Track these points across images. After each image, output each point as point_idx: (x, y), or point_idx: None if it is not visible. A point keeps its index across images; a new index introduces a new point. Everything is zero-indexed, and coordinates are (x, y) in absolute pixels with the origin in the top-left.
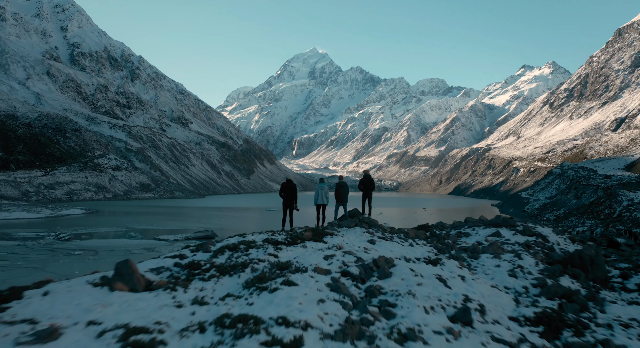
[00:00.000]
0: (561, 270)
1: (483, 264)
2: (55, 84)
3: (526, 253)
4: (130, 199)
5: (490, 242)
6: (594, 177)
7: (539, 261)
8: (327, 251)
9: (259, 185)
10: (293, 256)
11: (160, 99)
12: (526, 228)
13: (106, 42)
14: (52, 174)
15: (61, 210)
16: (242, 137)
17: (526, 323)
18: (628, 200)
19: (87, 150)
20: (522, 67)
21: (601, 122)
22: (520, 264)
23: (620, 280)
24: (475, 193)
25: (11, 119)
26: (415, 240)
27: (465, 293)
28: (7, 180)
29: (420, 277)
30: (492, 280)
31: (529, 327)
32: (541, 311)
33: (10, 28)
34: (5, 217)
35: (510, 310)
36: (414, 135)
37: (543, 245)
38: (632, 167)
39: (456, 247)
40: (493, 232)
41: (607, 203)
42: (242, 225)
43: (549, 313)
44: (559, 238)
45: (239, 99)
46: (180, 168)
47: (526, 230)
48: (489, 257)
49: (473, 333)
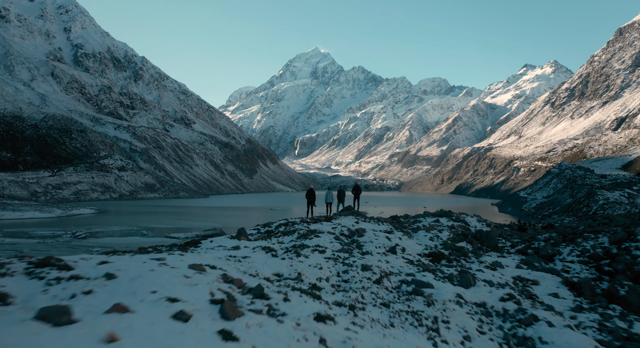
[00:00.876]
0: (462, 239)
1: (418, 236)
2: (60, 85)
3: (447, 231)
4: (136, 199)
5: (429, 225)
6: (589, 177)
7: (453, 235)
8: (333, 225)
9: (262, 185)
10: (316, 227)
11: (163, 100)
12: (457, 218)
13: (109, 43)
14: (60, 174)
15: (71, 210)
16: (244, 137)
17: (424, 256)
18: (604, 200)
19: (92, 151)
20: (524, 66)
21: (602, 122)
22: (439, 235)
23: (509, 247)
24: (476, 193)
25: (18, 121)
26: (383, 222)
27: (398, 243)
28: (16, 181)
29: (377, 237)
30: (418, 241)
31: (424, 257)
32: (433, 251)
33: (15, 29)
34: (19, 217)
35: (419, 251)
36: (416, 134)
37: (464, 227)
38: (628, 166)
39: (407, 227)
40: (434, 220)
41: (585, 202)
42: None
43: (437, 253)
44: (478, 224)
45: (241, 98)
46: (184, 168)
47: (457, 218)
48: (423, 232)
49: (395, 256)
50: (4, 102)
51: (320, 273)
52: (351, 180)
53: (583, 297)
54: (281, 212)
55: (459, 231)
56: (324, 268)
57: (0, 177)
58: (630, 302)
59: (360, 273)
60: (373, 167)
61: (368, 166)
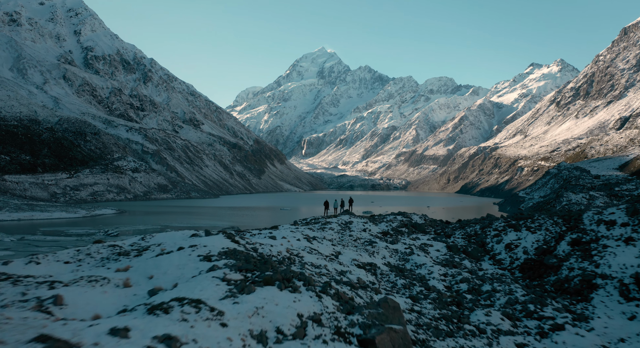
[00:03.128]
0: (403, 226)
1: (381, 224)
2: (72, 87)
3: (397, 222)
4: (150, 200)
5: (389, 219)
6: (583, 177)
7: (400, 224)
8: (337, 220)
9: (270, 185)
10: (329, 220)
11: (172, 101)
12: (406, 215)
13: (118, 45)
14: (77, 176)
15: (94, 211)
16: (252, 138)
17: (379, 233)
18: (567, 201)
19: (106, 153)
20: (530, 65)
21: (606, 121)
22: (392, 224)
23: (432, 232)
24: (480, 192)
25: (34, 124)
26: (363, 218)
27: (368, 227)
28: (36, 183)
29: (358, 225)
30: (379, 227)
31: (379, 233)
32: (384, 231)
33: (26, 33)
34: (48, 217)
35: (377, 231)
36: (422, 133)
37: (409, 220)
38: (624, 167)
39: (377, 220)
40: (393, 216)
41: (552, 203)
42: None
43: (386, 232)
44: (419, 219)
45: (248, 99)
46: (194, 169)
47: (406, 215)
48: (384, 223)
49: (365, 232)
50: (19, 106)
51: (332, 237)
52: (358, 180)
53: (452, 253)
54: (291, 212)
55: (404, 222)
56: (333, 236)
57: (22, 179)
58: (472, 253)
59: (348, 238)
60: (380, 167)
61: (375, 165)
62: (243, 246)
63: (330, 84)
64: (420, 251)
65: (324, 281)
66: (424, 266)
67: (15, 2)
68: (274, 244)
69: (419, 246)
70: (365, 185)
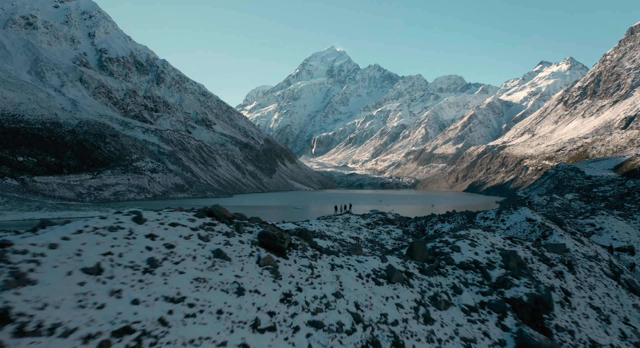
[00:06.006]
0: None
1: (367, 219)
2: (88, 90)
3: (378, 218)
4: (168, 199)
5: (373, 216)
6: (575, 178)
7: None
8: (341, 217)
9: (281, 184)
10: (336, 218)
11: (184, 102)
12: (384, 214)
13: (132, 47)
14: (99, 176)
15: (123, 210)
16: (263, 137)
17: (365, 224)
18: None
19: (125, 154)
20: (539, 63)
21: (612, 120)
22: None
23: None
24: (487, 191)
25: (57, 127)
26: (357, 215)
27: (359, 221)
28: (62, 183)
29: (354, 219)
30: (365, 220)
31: (365, 224)
32: (369, 223)
33: (42, 36)
34: (84, 216)
35: (364, 223)
36: (431, 132)
37: (385, 217)
38: (619, 167)
39: (366, 216)
40: (375, 214)
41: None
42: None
43: (369, 223)
44: (391, 216)
45: (258, 98)
46: (208, 169)
47: (384, 214)
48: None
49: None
50: (40, 109)
51: (338, 225)
52: (367, 178)
53: (405, 235)
54: (303, 211)
55: (381, 218)
56: (339, 225)
57: (50, 180)
58: (416, 235)
59: (347, 226)
60: (389, 165)
61: (384, 164)
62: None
63: (340, 82)
64: (385, 234)
65: (334, 239)
66: (384, 240)
67: (31, 5)
68: (312, 225)
69: (386, 231)
70: (374, 184)
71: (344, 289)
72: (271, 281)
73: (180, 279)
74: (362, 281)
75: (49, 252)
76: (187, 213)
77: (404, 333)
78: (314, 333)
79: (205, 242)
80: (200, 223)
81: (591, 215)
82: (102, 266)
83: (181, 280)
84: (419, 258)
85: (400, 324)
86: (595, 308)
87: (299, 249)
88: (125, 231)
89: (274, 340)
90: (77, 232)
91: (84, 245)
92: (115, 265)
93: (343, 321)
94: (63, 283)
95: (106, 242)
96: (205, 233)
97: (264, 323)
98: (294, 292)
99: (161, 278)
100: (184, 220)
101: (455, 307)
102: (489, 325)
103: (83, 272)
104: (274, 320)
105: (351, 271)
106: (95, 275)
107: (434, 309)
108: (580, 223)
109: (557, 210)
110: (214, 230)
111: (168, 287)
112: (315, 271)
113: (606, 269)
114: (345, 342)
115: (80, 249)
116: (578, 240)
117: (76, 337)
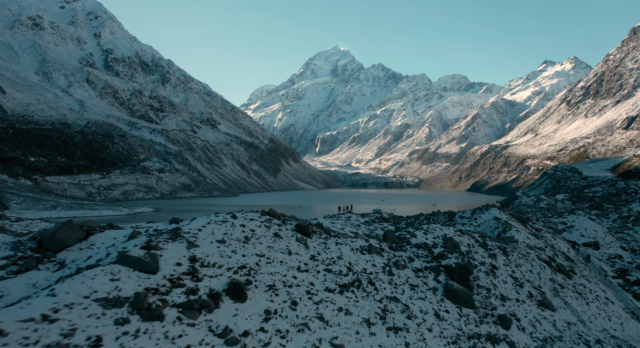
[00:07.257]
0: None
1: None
2: (95, 90)
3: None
4: (175, 198)
5: (371, 214)
6: (572, 179)
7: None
8: (344, 216)
9: (285, 183)
10: (340, 216)
11: (189, 102)
12: (379, 212)
13: (137, 47)
14: (108, 176)
15: (135, 209)
16: (267, 137)
17: (362, 222)
18: (518, 202)
19: (132, 154)
20: (543, 63)
21: (614, 121)
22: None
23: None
24: (489, 190)
25: (66, 127)
26: (357, 214)
27: (358, 218)
28: (73, 183)
29: (354, 218)
30: (364, 218)
31: (363, 222)
32: (367, 220)
33: (49, 36)
34: (97, 215)
35: (362, 220)
36: (435, 131)
37: (381, 215)
38: (616, 168)
39: (364, 215)
40: (373, 212)
41: (508, 204)
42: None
43: (367, 221)
44: (386, 215)
45: (262, 97)
46: (214, 169)
47: (379, 212)
48: (368, 217)
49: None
50: (48, 109)
51: (341, 222)
52: (371, 178)
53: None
54: (307, 210)
55: (378, 216)
56: (341, 222)
57: (61, 180)
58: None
59: (348, 223)
60: (393, 165)
61: (388, 163)
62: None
63: (344, 82)
64: (380, 230)
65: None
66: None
67: (37, 6)
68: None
69: (381, 227)
70: (378, 183)
71: (343, 255)
72: (304, 249)
73: (261, 246)
74: (354, 252)
75: (198, 232)
76: (256, 212)
77: (375, 278)
78: (327, 275)
79: (268, 229)
80: (264, 219)
81: (568, 215)
82: (224, 239)
83: (261, 247)
84: (389, 241)
85: (373, 274)
86: (515, 278)
87: (317, 234)
88: (229, 222)
89: (307, 276)
90: (207, 223)
91: (213, 229)
92: (230, 238)
93: (342, 270)
94: (211, 246)
95: (222, 228)
96: (269, 224)
97: (302, 268)
98: (316, 255)
99: (252, 246)
100: (255, 217)
101: (408, 268)
102: (428, 279)
103: (218, 242)
104: (307, 267)
105: (347, 247)
106: (222, 243)
107: (395, 268)
108: (553, 222)
109: (540, 209)
110: (272, 222)
111: (256, 250)
112: (327, 245)
113: (543, 256)
114: (343, 280)
115: (212, 231)
116: (533, 235)
117: (224, 269)
